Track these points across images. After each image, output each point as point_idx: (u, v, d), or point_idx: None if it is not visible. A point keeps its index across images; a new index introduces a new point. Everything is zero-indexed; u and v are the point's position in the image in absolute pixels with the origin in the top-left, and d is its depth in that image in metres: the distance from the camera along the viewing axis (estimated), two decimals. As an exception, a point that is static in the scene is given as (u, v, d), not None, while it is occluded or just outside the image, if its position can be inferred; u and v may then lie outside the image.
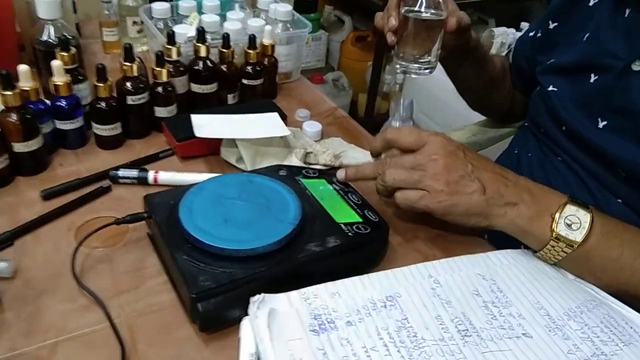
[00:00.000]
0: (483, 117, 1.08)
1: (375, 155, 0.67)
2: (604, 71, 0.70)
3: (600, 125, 0.69)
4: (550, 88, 0.77)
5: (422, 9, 0.69)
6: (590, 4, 0.76)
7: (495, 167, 0.62)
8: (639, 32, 0.67)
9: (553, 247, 0.58)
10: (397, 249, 0.65)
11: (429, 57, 0.72)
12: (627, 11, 0.69)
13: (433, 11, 0.69)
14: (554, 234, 0.57)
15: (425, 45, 0.71)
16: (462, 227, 0.62)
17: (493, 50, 1.84)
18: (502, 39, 1.85)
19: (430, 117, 1.85)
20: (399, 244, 0.66)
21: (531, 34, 0.87)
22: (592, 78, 0.71)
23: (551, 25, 0.82)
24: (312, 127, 0.83)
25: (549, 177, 0.77)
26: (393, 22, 0.71)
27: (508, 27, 2.01)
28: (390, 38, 0.72)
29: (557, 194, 0.60)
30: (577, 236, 0.57)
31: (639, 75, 0.65)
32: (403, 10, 0.70)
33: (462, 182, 0.59)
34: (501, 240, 0.65)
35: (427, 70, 0.74)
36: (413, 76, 0.74)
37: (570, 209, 0.58)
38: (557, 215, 0.57)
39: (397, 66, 0.74)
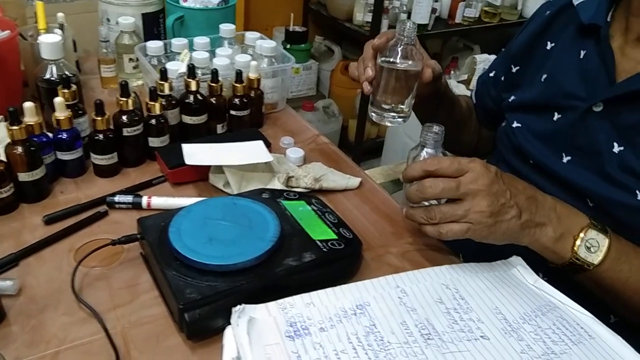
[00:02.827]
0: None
1: (409, 182, 0.66)
2: (566, 111, 0.75)
3: (565, 160, 0.74)
4: (515, 124, 0.82)
5: (398, 60, 0.72)
6: (548, 47, 0.81)
7: (526, 189, 0.65)
8: (596, 74, 0.72)
9: (571, 264, 0.64)
10: (370, 263, 0.70)
11: (403, 107, 0.75)
12: (582, 53, 0.74)
13: (409, 62, 0.72)
14: (575, 255, 0.63)
15: (400, 95, 0.74)
16: (432, 242, 0.68)
17: (475, 76, 1.92)
18: (484, 65, 1.93)
19: (414, 140, 1.92)
20: (372, 258, 0.71)
21: (491, 74, 0.93)
22: (556, 116, 0.76)
23: (514, 70, 0.87)
24: (295, 153, 0.89)
25: None
26: (370, 72, 0.73)
27: (490, 53, 2.10)
28: (367, 88, 0.74)
29: (580, 215, 0.65)
30: (595, 259, 0.63)
31: (599, 117, 0.70)
32: (380, 61, 0.73)
33: (503, 210, 0.62)
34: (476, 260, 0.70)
35: (401, 119, 0.76)
36: (388, 124, 0.78)
37: (592, 232, 0.63)
38: (579, 238, 0.63)
39: (373, 114, 0.76)
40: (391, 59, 0.72)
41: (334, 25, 2.27)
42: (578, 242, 0.63)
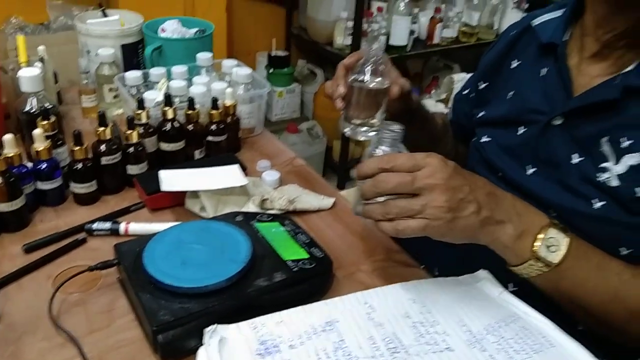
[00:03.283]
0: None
1: (362, 178, 0.65)
2: (530, 125, 0.78)
3: (529, 172, 0.78)
4: (484, 139, 0.86)
5: (367, 78, 0.76)
6: (512, 66, 0.86)
7: (486, 185, 0.64)
8: (555, 90, 0.76)
9: (531, 265, 0.64)
10: (341, 281, 0.73)
11: (374, 121, 0.79)
12: (543, 70, 0.79)
13: (378, 80, 0.76)
14: (535, 254, 0.62)
15: (370, 111, 0.78)
16: (402, 259, 0.70)
17: (453, 95, 1.97)
18: (461, 84, 1.98)
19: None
20: (343, 276, 0.74)
21: (465, 92, 0.97)
22: (520, 130, 0.80)
23: (481, 86, 0.92)
24: (271, 176, 0.92)
25: None
26: (341, 90, 0.78)
27: (469, 72, 2.15)
28: (339, 104, 0.78)
29: (540, 213, 0.65)
30: (555, 258, 0.63)
31: (559, 130, 0.74)
32: (350, 80, 0.77)
33: (462, 206, 0.60)
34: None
35: (373, 133, 0.79)
36: (361, 138, 0.81)
37: (552, 231, 0.63)
38: (539, 237, 0.62)
39: (346, 130, 0.80)
40: (360, 77, 0.76)
41: (316, 49, 2.32)
42: (538, 243, 0.63)
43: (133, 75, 1.01)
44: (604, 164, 0.69)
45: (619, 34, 0.68)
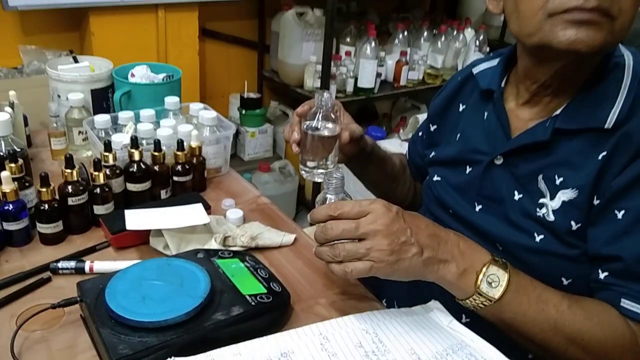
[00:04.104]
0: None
1: (315, 223, 0.70)
2: (475, 164, 0.84)
3: (477, 209, 0.83)
4: (435, 178, 0.92)
5: (319, 125, 0.82)
6: (460, 109, 0.92)
7: (428, 227, 0.69)
8: (495, 132, 0.82)
9: (475, 299, 0.68)
10: (299, 313, 0.76)
11: (327, 163, 0.85)
12: (486, 114, 0.85)
13: (330, 126, 0.82)
14: (477, 289, 0.67)
15: (323, 155, 0.84)
16: (359, 291, 0.73)
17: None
18: (426, 123, 2.06)
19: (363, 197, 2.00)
20: (302, 309, 0.77)
21: (419, 133, 1.03)
22: (468, 170, 0.86)
23: (432, 128, 0.98)
24: (235, 214, 0.95)
25: None
26: (296, 136, 0.84)
27: (434, 112, 2.24)
28: (295, 149, 0.85)
29: (483, 251, 0.69)
30: (496, 293, 0.67)
31: (500, 168, 0.80)
32: (303, 127, 0.83)
33: (404, 248, 0.65)
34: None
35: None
36: (317, 180, 0.86)
37: (492, 268, 0.67)
38: (481, 274, 0.67)
39: (303, 172, 0.86)
40: (312, 124, 0.82)
41: (287, 91, 2.39)
42: (480, 277, 0.67)
43: (101, 119, 1.05)
44: (542, 200, 0.74)
45: (542, 84, 0.75)
